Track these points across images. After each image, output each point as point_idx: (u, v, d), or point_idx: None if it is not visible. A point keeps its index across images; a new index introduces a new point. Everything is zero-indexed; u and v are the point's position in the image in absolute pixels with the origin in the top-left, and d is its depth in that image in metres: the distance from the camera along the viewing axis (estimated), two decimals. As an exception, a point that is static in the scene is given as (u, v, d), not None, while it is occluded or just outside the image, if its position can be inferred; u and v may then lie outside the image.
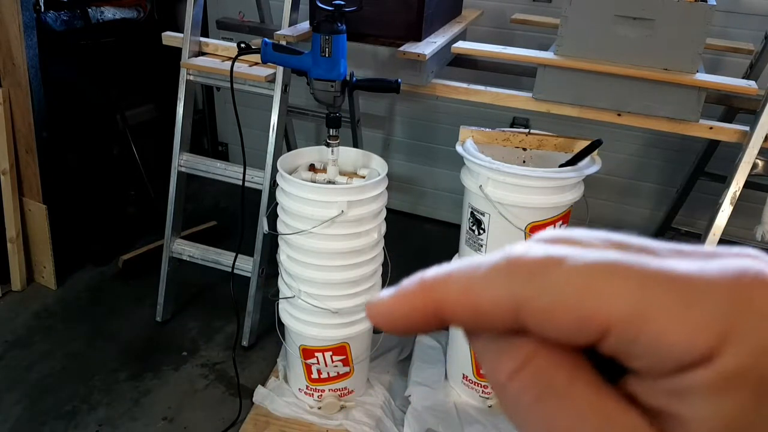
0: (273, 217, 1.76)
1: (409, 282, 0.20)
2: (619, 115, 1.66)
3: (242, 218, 1.86)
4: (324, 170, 1.74)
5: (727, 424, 0.16)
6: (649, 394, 0.18)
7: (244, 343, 2.12)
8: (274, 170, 1.82)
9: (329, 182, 1.70)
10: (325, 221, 1.55)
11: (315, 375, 1.81)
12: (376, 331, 1.90)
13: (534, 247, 0.18)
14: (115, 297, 2.38)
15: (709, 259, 0.18)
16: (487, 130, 1.77)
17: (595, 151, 1.65)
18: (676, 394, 0.17)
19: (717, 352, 0.16)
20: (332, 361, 1.77)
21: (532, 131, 1.78)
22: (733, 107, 1.98)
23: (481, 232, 1.66)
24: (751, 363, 0.16)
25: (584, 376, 0.18)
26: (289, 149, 2.43)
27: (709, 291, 0.17)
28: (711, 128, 1.63)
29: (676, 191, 2.47)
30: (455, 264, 0.19)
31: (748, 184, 1.59)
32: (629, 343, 0.17)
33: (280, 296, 1.79)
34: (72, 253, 2.44)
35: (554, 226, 1.62)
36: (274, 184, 1.85)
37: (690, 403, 0.17)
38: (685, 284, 0.17)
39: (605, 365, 0.18)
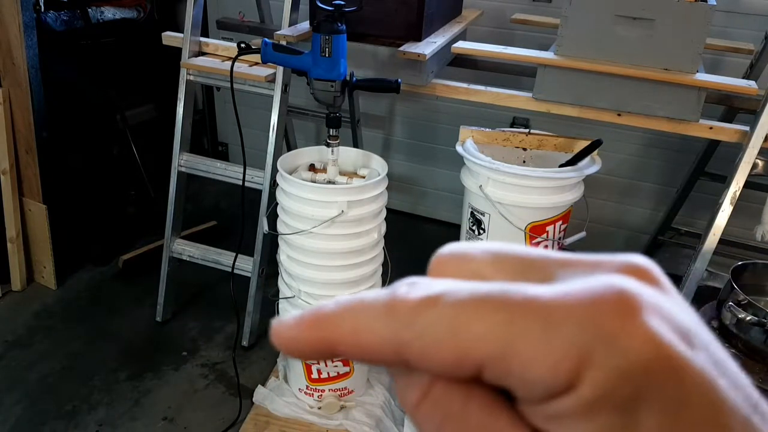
0: (273, 217, 1.76)
1: (308, 313, 0.21)
2: (619, 115, 1.66)
3: (242, 218, 1.86)
4: (324, 170, 1.74)
5: None
6: (533, 417, 0.18)
7: (244, 343, 2.12)
8: (274, 170, 1.82)
9: (329, 182, 1.70)
10: (325, 221, 1.55)
11: (315, 375, 1.81)
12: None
13: (417, 286, 0.19)
14: (115, 297, 2.38)
15: (588, 273, 0.19)
16: (487, 130, 1.77)
17: (595, 151, 1.65)
18: (551, 418, 0.18)
19: (577, 379, 0.17)
20: (332, 361, 1.77)
21: (532, 131, 1.78)
22: (733, 107, 1.98)
23: (481, 232, 1.66)
24: (609, 387, 0.17)
25: (477, 401, 0.19)
26: (289, 149, 2.43)
27: (567, 318, 0.17)
28: (711, 128, 1.63)
29: (676, 191, 2.47)
30: (349, 300, 0.20)
31: (748, 184, 1.59)
32: (502, 376, 0.18)
33: (280, 296, 1.79)
34: (72, 253, 2.44)
35: (554, 226, 1.62)
36: (274, 184, 1.85)
37: (564, 426, 0.18)
38: (546, 313, 0.17)
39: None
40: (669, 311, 0.18)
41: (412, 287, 0.19)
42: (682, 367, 0.17)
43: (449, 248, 0.21)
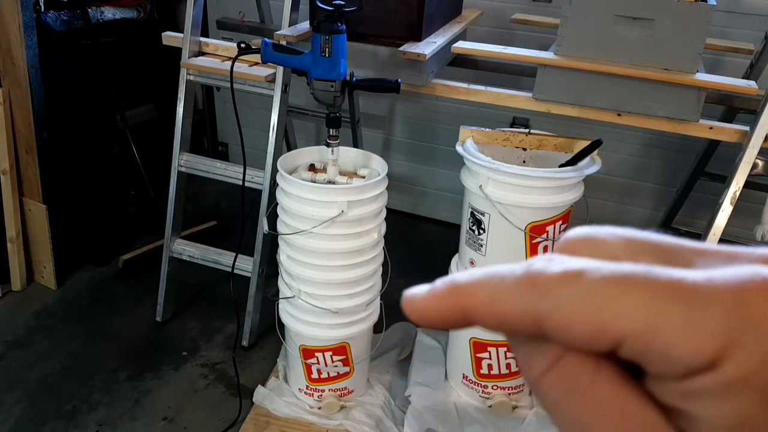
0: (273, 217, 1.76)
1: (442, 284, 0.21)
2: (619, 115, 1.66)
3: (242, 218, 1.86)
4: (324, 170, 1.74)
5: (734, 424, 0.17)
6: (665, 393, 0.19)
7: (244, 343, 2.12)
8: (274, 170, 1.82)
9: (329, 182, 1.70)
10: (325, 221, 1.55)
11: (315, 375, 1.81)
12: (376, 330, 1.90)
13: (554, 262, 0.20)
14: (115, 297, 2.38)
15: (726, 263, 0.19)
16: (487, 130, 1.77)
17: (595, 151, 1.65)
18: (687, 395, 0.18)
19: (721, 359, 0.17)
20: (332, 361, 1.77)
21: (532, 131, 1.78)
22: (733, 107, 1.98)
23: (481, 232, 1.66)
24: (753, 369, 0.17)
25: (606, 375, 0.19)
26: (289, 149, 2.43)
27: (714, 301, 0.17)
28: (711, 128, 1.63)
29: (676, 191, 2.47)
30: (483, 271, 0.21)
31: (748, 184, 1.59)
32: (642, 352, 0.18)
33: (280, 296, 1.79)
34: (72, 253, 2.45)
35: (554, 226, 1.62)
36: (274, 184, 1.85)
37: (700, 403, 0.18)
38: (692, 295, 0.18)
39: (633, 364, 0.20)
40: None
41: (550, 263, 0.19)
42: None
43: (580, 231, 0.21)
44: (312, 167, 1.79)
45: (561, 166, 1.65)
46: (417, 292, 0.22)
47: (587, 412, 0.19)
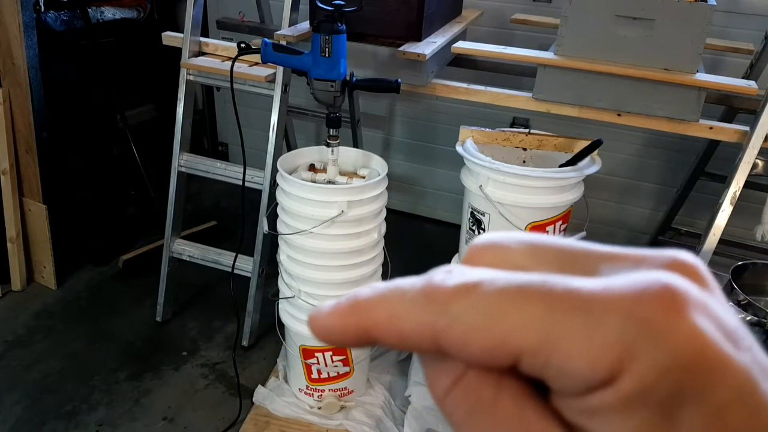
0: (273, 217, 1.76)
1: (346, 300, 0.20)
2: (619, 115, 1.66)
3: (242, 218, 1.86)
4: (324, 170, 1.74)
5: None
6: (568, 411, 0.18)
7: (244, 343, 2.12)
8: (274, 170, 1.82)
9: (329, 182, 1.70)
10: (325, 221, 1.55)
11: (315, 375, 1.81)
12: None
13: (453, 273, 0.19)
14: (115, 297, 2.38)
15: (631, 269, 0.18)
16: (487, 130, 1.77)
17: (595, 151, 1.65)
18: (587, 412, 0.18)
19: (617, 374, 0.16)
20: (332, 361, 1.77)
21: (532, 131, 1.78)
22: (733, 107, 1.98)
23: (481, 232, 1.66)
24: (650, 383, 0.16)
25: (508, 393, 0.19)
26: (289, 149, 2.43)
27: (610, 311, 0.17)
28: (711, 128, 1.63)
29: (676, 191, 2.47)
30: (386, 286, 0.20)
31: (748, 184, 1.59)
32: (541, 367, 0.17)
33: (280, 296, 1.79)
34: (72, 253, 2.44)
35: (554, 226, 1.62)
36: (274, 184, 1.85)
37: (600, 421, 0.17)
38: (588, 305, 0.17)
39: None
40: (715, 310, 0.17)
41: (449, 275, 0.19)
42: (727, 366, 0.16)
43: (485, 237, 0.21)
44: (312, 167, 1.79)
45: (561, 166, 1.65)
46: (322, 309, 0.21)
47: (490, 430, 0.19)
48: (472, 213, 1.67)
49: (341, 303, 0.21)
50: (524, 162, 1.77)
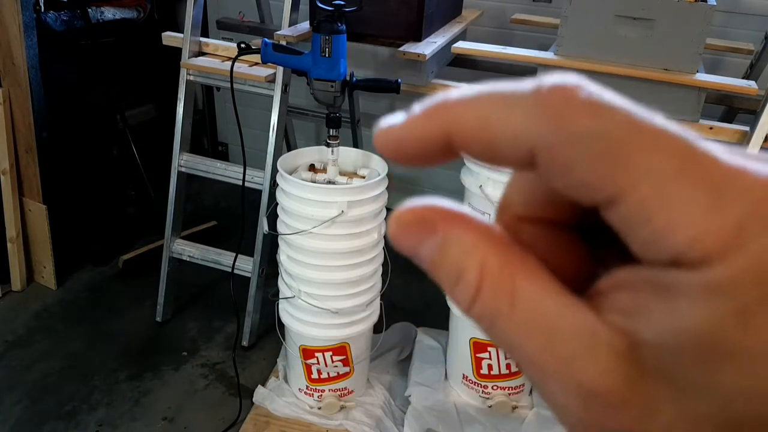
0: (273, 217, 1.76)
1: (429, 102, 0.18)
2: (619, 115, 1.66)
3: (242, 218, 1.86)
4: (324, 170, 1.74)
5: (704, 333, 0.14)
6: (629, 282, 0.16)
7: (244, 343, 2.12)
8: (274, 170, 1.82)
9: (329, 182, 1.70)
10: (325, 221, 1.55)
11: (315, 375, 1.81)
12: (376, 330, 1.90)
13: (573, 85, 0.16)
14: (115, 297, 2.38)
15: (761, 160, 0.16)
16: (487, 130, 1.76)
17: (595, 151, 1.65)
18: (654, 287, 0.15)
19: (720, 256, 0.14)
20: (332, 361, 1.77)
21: (532, 131, 1.78)
22: (733, 107, 1.98)
23: (481, 232, 1.66)
24: (752, 278, 0.14)
25: (526, 294, 0.17)
26: (289, 149, 2.43)
27: (742, 191, 0.15)
28: (711, 128, 1.63)
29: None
30: (481, 88, 0.17)
31: (748, 184, 1.58)
32: (637, 223, 0.15)
33: (280, 296, 1.79)
34: (72, 253, 2.44)
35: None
36: (274, 184, 1.85)
37: (672, 301, 0.15)
38: (725, 182, 0.15)
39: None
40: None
41: (567, 84, 0.16)
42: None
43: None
44: (312, 167, 1.79)
45: (561, 166, 1.65)
46: (395, 119, 0.19)
47: (513, 337, 0.17)
48: (472, 213, 1.67)
49: (424, 105, 0.18)
50: (524, 162, 1.77)
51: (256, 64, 1.90)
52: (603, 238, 0.18)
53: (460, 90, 0.18)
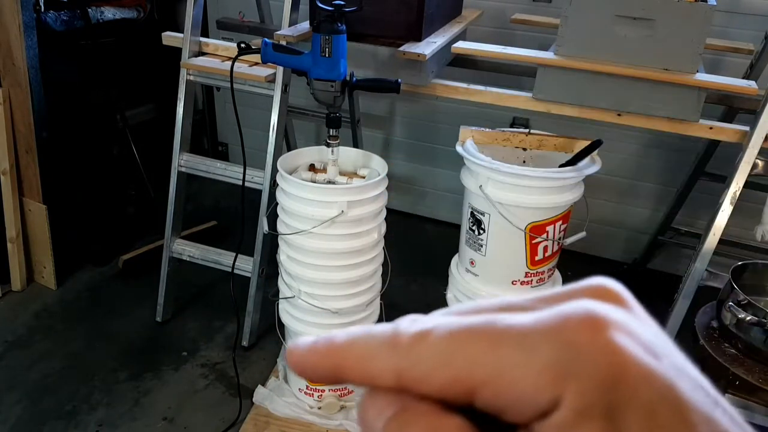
0: (273, 217, 1.76)
1: (320, 343, 0.23)
2: (619, 115, 1.66)
3: (242, 218, 1.86)
4: (324, 170, 1.74)
5: None
6: None
7: (244, 343, 2.12)
8: (274, 170, 1.82)
9: (329, 182, 1.70)
10: (325, 221, 1.55)
11: (315, 375, 1.81)
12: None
13: (417, 322, 0.22)
14: (115, 297, 2.38)
15: (560, 303, 0.21)
16: (487, 130, 1.77)
17: (595, 151, 1.65)
18: None
19: (561, 395, 0.18)
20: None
21: (532, 131, 1.78)
22: (733, 107, 1.98)
23: (481, 232, 1.66)
24: (591, 396, 0.18)
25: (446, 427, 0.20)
26: (289, 149, 2.43)
27: (543, 340, 0.19)
28: (711, 128, 1.63)
29: (676, 191, 2.47)
30: (360, 331, 0.22)
31: (748, 184, 1.59)
32: (494, 399, 0.19)
33: (280, 296, 1.79)
34: (72, 253, 2.44)
35: (554, 226, 1.62)
36: (274, 184, 1.85)
37: None
38: (525, 337, 0.19)
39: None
40: (634, 328, 0.20)
41: (413, 323, 0.22)
42: (648, 373, 0.19)
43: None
44: (312, 167, 1.79)
45: (561, 166, 1.65)
46: (299, 345, 0.23)
47: None
48: (472, 213, 1.67)
49: (318, 342, 0.23)
50: (524, 162, 1.77)
51: (256, 64, 1.90)
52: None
53: (344, 333, 0.23)
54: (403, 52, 1.71)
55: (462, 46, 1.78)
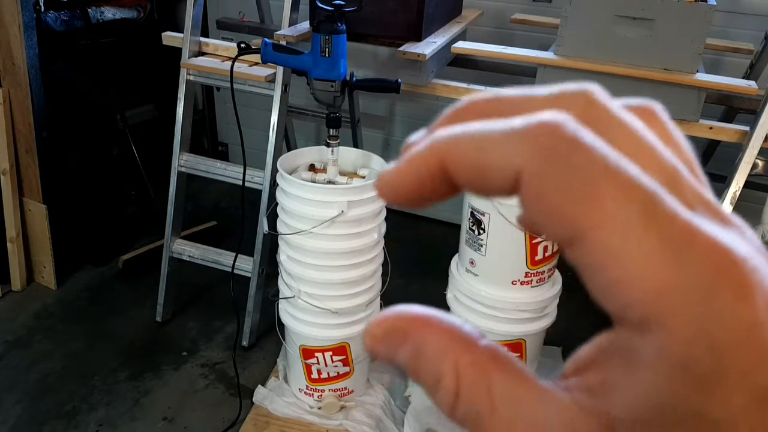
0: (273, 217, 1.76)
1: (426, 140, 0.19)
2: (619, 115, 1.66)
3: (242, 218, 1.86)
4: (324, 170, 1.74)
5: (668, 406, 0.15)
6: (602, 352, 0.17)
7: (244, 343, 2.12)
8: (274, 170, 1.82)
9: (329, 182, 1.70)
10: (325, 221, 1.55)
11: (315, 375, 1.81)
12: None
13: (560, 122, 0.17)
14: (115, 297, 2.38)
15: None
16: (487, 130, 1.76)
17: (595, 151, 1.65)
18: (626, 357, 0.16)
19: (678, 320, 0.15)
20: (332, 361, 1.77)
21: (532, 131, 1.78)
22: (733, 107, 1.98)
23: (481, 232, 1.66)
24: (701, 340, 0.14)
25: (500, 389, 0.17)
26: (289, 149, 2.43)
27: (702, 260, 0.15)
28: (711, 128, 1.63)
29: (676, 191, 2.47)
30: (474, 124, 0.18)
31: (748, 184, 1.58)
32: (594, 269, 0.16)
33: (280, 296, 1.79)
34: (72, 253, 2.44)
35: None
36: (274, 184, 1.85)
37: (635, 373, 0.16)
38: (686, 241, 0.15)
39: None
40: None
41: (558, 120, 0.17)
42: None
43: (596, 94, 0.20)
44: (312, 167, 1.79)
45: (561, 166, 1.65)
46: (392, 166, 0.19)
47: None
48: (472, 213, 1.67)
49: (417, 145, 0.19)
50: (524, 162, 1.77)
51: (256, 64, 1.90)
52: None
53: (452, 128, 0.18)
54: (403, 52, 1.71)
55: (462, 46, 1.78)
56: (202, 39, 2.01)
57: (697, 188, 0.17)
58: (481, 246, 1.68)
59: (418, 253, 2.68)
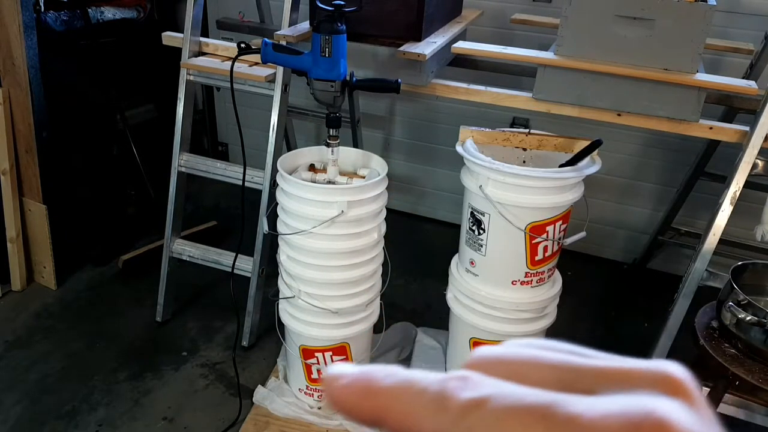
0: (273, 217, 1.76)
1: (361, 380, 0.21)
2: (619, 115, 1.66)
3: (242, 218, 1.86)
4: (324, 170, 1.74)
5: None
6: None
7: (244, 343, 2.12)
8: (274, 170, 1.82)
9: (329, 182, 1.70)
10: (325, 221, 1.55)
11: (315, 375, 1.81)
12: (376, 330, 1.90)
13: (468, 383, 0.20)
14: (115, 297, 2.38)
15: (622, 389, 0.19)
16: (487, 130, 1.77)
17: (595, 151, 1.65)
18: None
19: None
20: (332, 361, 1.77)
21: (532, 131, 1.78)
22: (733, 107, 1.98)
23: (481, 232, 1.66)
24: None
25: None
26: (289, 149, 2.43)
27: None
28: (711, 128, 1.63)
29: (676, 191, 2.47)
30: (402, 377, 0.21)
31: (748, 184, 1.58)
32: None
33: (280, 296, 1.79)
34: (72, 253, 2.44)
35: (554, 226, 1.62)
36: (274, 184, 1.85)
37: None
38: None
39: None
40: None
41: (464, 383, 0.20)
42: None
43: (490, 351, 0.22)
44: (312, 167, 1.79)
45: (561, 166, 1.65)
46: (339, 377, 0.22)
47: None
48: (472, 213, 1.67)
49: (358, 378, 0.21)
50: (524, 162, 1.77)
51: (256, 64, 1.90)
52: None
53: (385, 375, 0.21)
54: (403, 52, 1.71)
55: (462, 46, 1.78)
56: (202, 39, 2.01)
57: None
58: (481, 246, 1.68)
59: (418, 253, 2.68)
